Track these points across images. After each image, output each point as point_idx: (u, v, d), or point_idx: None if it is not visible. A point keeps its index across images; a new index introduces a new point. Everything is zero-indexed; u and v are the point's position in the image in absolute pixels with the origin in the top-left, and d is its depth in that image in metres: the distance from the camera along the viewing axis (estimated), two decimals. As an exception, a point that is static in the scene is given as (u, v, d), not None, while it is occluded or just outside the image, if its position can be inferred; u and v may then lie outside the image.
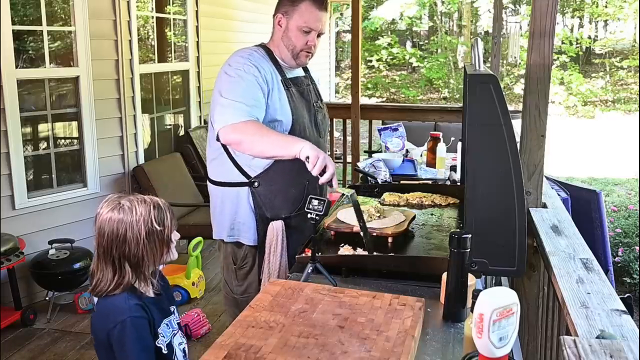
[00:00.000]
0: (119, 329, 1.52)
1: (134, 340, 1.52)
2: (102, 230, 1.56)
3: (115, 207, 1.57)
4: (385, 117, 5.91)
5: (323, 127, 2.32)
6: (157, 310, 1.63)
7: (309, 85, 2.30)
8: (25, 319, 3.49)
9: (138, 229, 1.55)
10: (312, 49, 2.17)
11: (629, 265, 4.54)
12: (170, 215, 1.63)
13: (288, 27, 2.13)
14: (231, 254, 2.26)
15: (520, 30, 6.56)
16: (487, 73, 1.64)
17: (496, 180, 1.60)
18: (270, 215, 2.15)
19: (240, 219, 2.19)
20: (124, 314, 1.53)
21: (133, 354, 1.52)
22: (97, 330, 1.59)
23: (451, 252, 1.45)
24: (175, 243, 1.68)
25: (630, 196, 7.30)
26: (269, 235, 2.13)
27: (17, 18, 3.69)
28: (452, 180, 2.91)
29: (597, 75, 17.61)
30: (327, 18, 2.18)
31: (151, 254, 1.58)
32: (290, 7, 2.13)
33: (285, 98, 2.13)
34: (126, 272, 1.56)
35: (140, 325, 1.54)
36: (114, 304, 1.56)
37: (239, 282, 2.27)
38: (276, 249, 2.12)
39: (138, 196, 1.62)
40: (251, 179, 2.14)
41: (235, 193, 2.17)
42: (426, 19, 19.10)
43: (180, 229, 1.86)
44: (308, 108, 2.23)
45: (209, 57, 5.45)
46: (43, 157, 3.93)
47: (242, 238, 2.21)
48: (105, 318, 1.56)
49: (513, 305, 1.10)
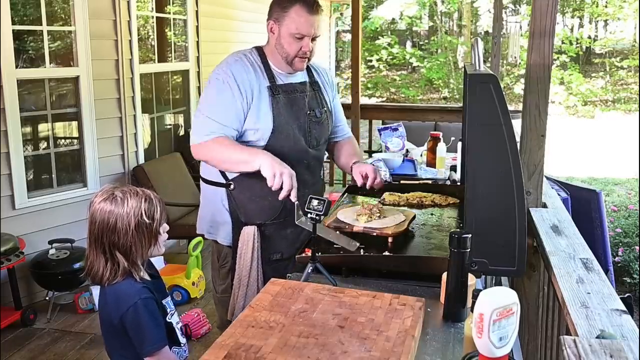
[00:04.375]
0: (132, 311, 1.61)
1: (148, 319, 1.62)
2: (93, 219, 1.65)
3: (109, 197, 1.64)
4: (385, 117, 5.92)
5: (316, 136, 2.22)
6: (157, 291, 1.73)
7: (304, 92, 2.20)
8: (25, 319, 3.49)
9: (128, 220, 1.62)
10: (307, 54, 2.10)
11: (629, 265, 4.54)
12: (160, 209, 1.69)
13: (280, 34, 2.08)
14: (215, 252, 2.30)
15: (520, 30, 6.55)
16: (487, 73, 1.64)
17: (496, 180, 1.60)
18: (244, 220, 2.14)
19: (218, 218, 2.21)
20: (134, 297, 1.62)
21: (149, 331, 1.62)
22: (110, 317, 1.66)
23: (451, 252, 1.45)
24: (166, 237, 1.76)
25: (630, 196, 7.30)
26: (241, 240, 2.12)
27: (17, 18, 3.69)
28: (452, 180, 2.91)
29: (597, 75, 17.62)
30: (319, 21, 2.09)
31: (139, 245, 1.65)
32: (280, 12, 2.07)
33: (268, 105, 2.08)
34: (119, 260, 1.64)
35: (151, 304, 1.64)
36: (121, 289, 1.64)
37: (220, 280, 2.30)
38: (247, 254, 2.10)
39: (131, 188, 1.69)
40: (228, 181, 2.14)
41: (215, 192, 2.19)
42: (426, 19, 19.10)
43: (180, 228, 1.88)
44: (297, 116, 2.15)
45: (209, 57, 5.45)
46: (43, 157, 3.93)
47: (219, 237, 2.24)
48: (117, 304, 1.64)
49: (513, 305, 1.10)
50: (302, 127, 2.17)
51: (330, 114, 2.31)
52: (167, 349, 1.67)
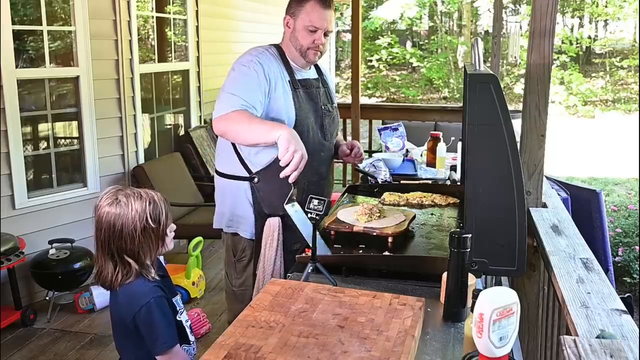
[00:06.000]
0: (145, 310, 1.62)
1: (160, 318, 1.64)
2: (99, 225, 1.64)
3: (113, 201, 1.64)
4: (385, 117, 5.92)
5: (330, 130, 2.34)
6: (167, 290, 1.75)
7: (319, 87, 2.32)
8: (25, 318, 3.49)
9: (134, 226, 1.62)
10: (319, 47, 2.22)
11: (629, 265, 4.54)
12: (165, 210, 1.70)
13: (295, 27, 2.20)
14: (231, 247, 2.32)
15: (520, 30, 6.55)
16: (487, 73, 1.64)
17: (496, 180, 1.60)
18: (268, 212, 2.17)
19: (239, 212, 2.23)
20: (147, 296, 1.64)
21: (162, 330, 1.64)
22: (123, 315, 1.67)
23: (451, 252, 1.45)
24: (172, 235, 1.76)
25: (630, 196, 7.30)
26: (266, 231, 2.16)
27: (17, 18, 3.69)
28: (452, 180, 2.91)
29: (597, 75, 17.62)
30: (332, 16, 2.23)
31: (147, 248, 1.66)
32: (296, 7, 2.20)
33: (291, 98, 2.17)
34: (129, 263, 1.64)
35: (163, 303, 1.67)
36: (134, 289, 1.66)
37: (237, 274, 2.31)
38: (272, 245, 2.14)
39: (135, 190, 1.68)
40: (252, 174, 2.18)
41: (236, 186, 2.22)
42: (426, 19, 19.10)
43: (180, 228, 1.89)
44: (315, 110, 2.26)
45: (209, 56, 5.46)
46: (43, 157, 3.93)
47: (240, 231, 2.27)
48: (129, 303, 1.65)
49: (513, 305, 1.10)
50: (319, 121, 2.28)
51: (337, 110, 2.44)
52: (179, 347, 1.69)
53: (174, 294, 1.82)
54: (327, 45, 2.26)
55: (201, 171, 4.97)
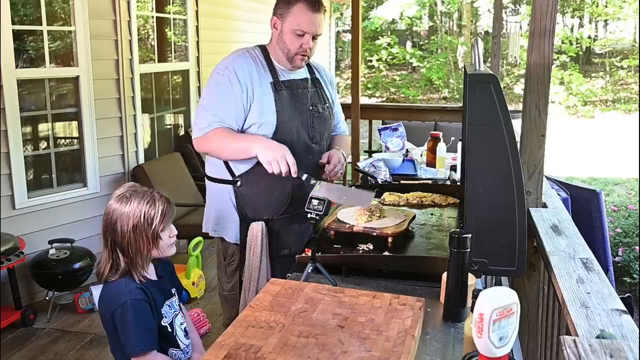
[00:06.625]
0: (121, 310, 1.66)
1: (133, 320, 1.65)
2: (104, 215, 1.73)
3: (120, 196, 1.71)
4: (385, 117, 5.92)
5: (319, 131, 2.25)
6: (159, 292, 1.76)
7: (306, 88, 2.24)
8: (25, 318, 3.49)
9: (127, 221, 1.68)
10: (307, 52, 2.15)
11: (629, 265, 4.54)
12: (161, 214, 1.72)
13: (282, 30, 2.13)
14: (222, 251, 2.31)
15: (520, 30, 6.55)
16: (487, 73, 1.64)
17: (496, 180, 1.60)
18: (252, 216, 2.16)
19: (225, 215, 2.22)
20: (125, 297, 1.66)
21: (132, 332, 1.65)
22: (104, 312, 1.72)
23: (451, 252, 1.45)
24: (172, 241, 1.78)
25: (630, 196, 7.30)
26: (249, 235, 2.14)
27: (17, 18, 3.68)
28: (452, 180, 2.91)
29: (597, 75, 17.62)
30: (321, 20, 2.14)
31: (137, 247, 1.69)
32: (284, 9, 2.12)
33: (272, 100, 2.12)
34: (119, 258, 1.68)
35: (141, 307, 1.68)
36: (115, 288, 1.70)
37: (227, 278, 2.31)
38: (255, 250, 2.12)
39: (144, 190, 1.74)
40: (235, 178, 2.16)
41: (221, 189, 2.21)
42: (426, 19, 19.09)
43: (180, 228, 1.89)
44: (300, 112, 2.19)
45: (209, 57, 5.45)
46: (43, 157, 3.93)
47: (225, 235, 2.25)
48: (109, 301, 1.70)
49: (513, 305, 1.10)
50: (305, 123, 2.21)
51: (332, 109, 2.35)
52: (154, 353, 1.68)
53: (169, 296, 1.81)
54: (315, 49, 2.19)
55: (201, 171, 4.96)
